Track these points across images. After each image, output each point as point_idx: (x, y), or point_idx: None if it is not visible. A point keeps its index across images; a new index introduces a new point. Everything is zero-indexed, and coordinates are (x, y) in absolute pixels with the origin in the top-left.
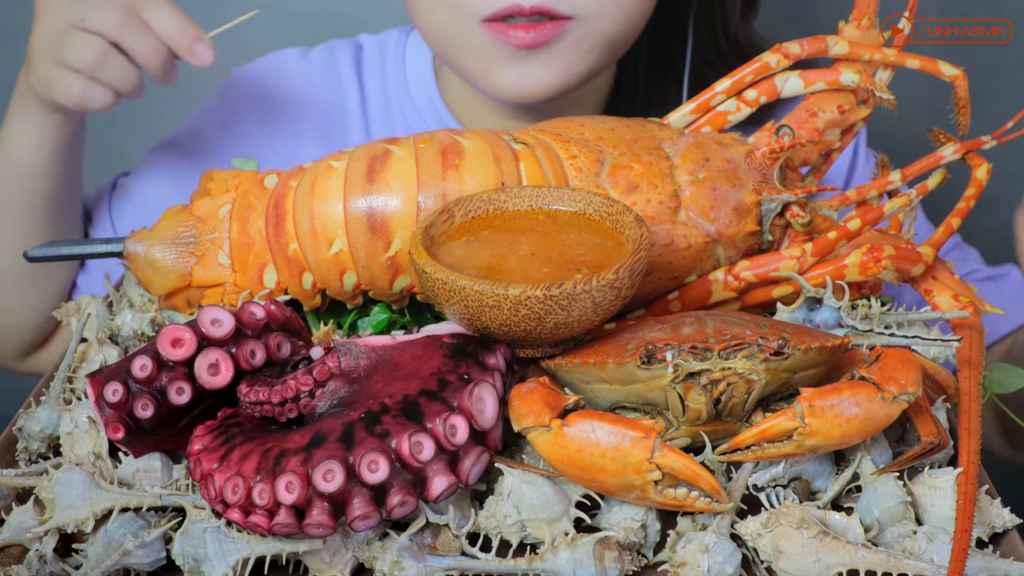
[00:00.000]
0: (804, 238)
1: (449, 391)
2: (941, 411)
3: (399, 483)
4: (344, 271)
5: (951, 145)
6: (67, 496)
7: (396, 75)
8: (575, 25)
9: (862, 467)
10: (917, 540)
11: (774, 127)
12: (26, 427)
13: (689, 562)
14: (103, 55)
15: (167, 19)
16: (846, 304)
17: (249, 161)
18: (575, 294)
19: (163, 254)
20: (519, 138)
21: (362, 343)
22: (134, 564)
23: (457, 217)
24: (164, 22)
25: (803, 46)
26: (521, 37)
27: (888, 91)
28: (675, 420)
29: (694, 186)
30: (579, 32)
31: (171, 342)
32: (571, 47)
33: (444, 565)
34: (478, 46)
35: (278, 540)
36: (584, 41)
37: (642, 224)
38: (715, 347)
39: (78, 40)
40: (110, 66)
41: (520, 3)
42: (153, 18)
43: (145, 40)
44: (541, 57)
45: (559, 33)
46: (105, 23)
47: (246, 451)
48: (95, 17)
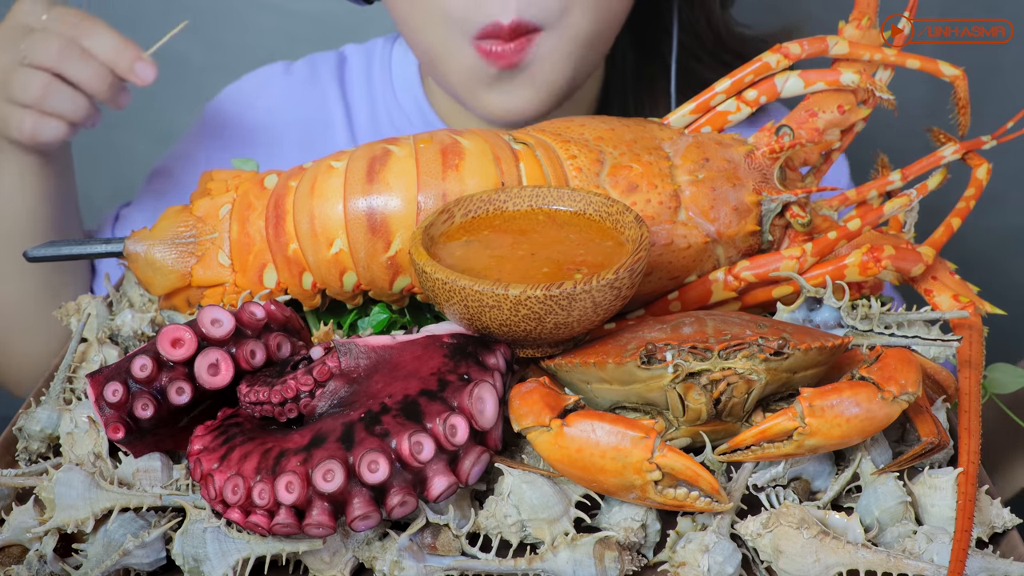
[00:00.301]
0: (804, 238)
1: (449, 391)
2: (941, 411)
3: (399, 483)
4: (344, 271)
5: (951, 145)
6: (67, 496)
7: (383, 82)
8: (546, 36)
9: (862, 467)
10: (917, 540)
11: (774, 127)
12: (26, 427)
13: (689, 562)
14: (48, 88)
15: (106, 43)
16: (846, 304)
17: (249, 161)
18: (575, 294)
19: (163, 254)
20: (519, 138)
21: (362, 343)
22: (134, 564)
23: (457, 217)
24: (103, 46)
25: (803, 46)
26: (500, 54)
27: (888, 91)
28: (675, 420)
29: (694, 186)
30: (551, 42)
31: (171, 342)
32: (544, 61)
33: (444, 565)
34: (467, 67)
35: (278, 540)
36: (557, 51)
37: (642, 224)
38: (715, 347)
39: (22, 76)
40: (57, 97)
41: (499, 19)
42: (92, 44)
43: (87, 67)
44: (522, 78)
45: (532, 48)
46: (46, 56)
47: (246, 451)
48: (35, 52)
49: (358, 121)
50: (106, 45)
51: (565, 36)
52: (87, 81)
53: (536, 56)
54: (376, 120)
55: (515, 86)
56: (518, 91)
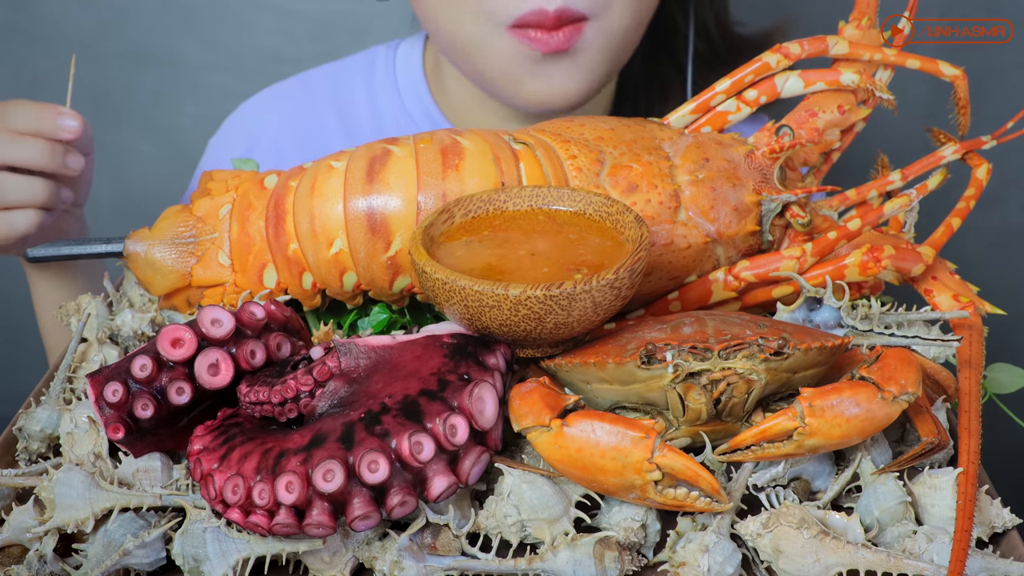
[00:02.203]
0: (804, 238)
1: (449, 391)
2: (941, 411)
3: (399, 483)
4: (344, 271)
5: (951, 145)
6: (67, 496)
7: (387, 88)
8: (591, 25)
9: (862, 467)
10: (917, 540)
11: (774, 127)
12: (26, 427)
13: (689, 562)
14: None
15: (25, 116)
16: (846, 304)
17: (249, 161)
18: (575, 294)
19: (163, 254)
20: (519, 138)
21: (362, 343)
22: (134, 564)
23: (457, 217)
24: (23, 120)
25: (803, 46)
26: (547, 41)
27: (888, 91)
28: (675, 420)
29: (694, 186)
30: (594, 31)
31: (171, 342)
32: (590, 48)
33: (444, 565)
34: (504, 54)
35: (278, 540)
36: (599, 40)
37: (642, 224)
38: (715, 347)
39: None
40: (9, 188)
41: (544, 7)
42: (15, 122)
43: (23, 147)
44: (564, 64)
45: (579, 35)
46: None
47: (246, 451)
48: None
49: (362, 129)
50: (25, 117)
51: (608, 26)
52: (28, 159)
53: (583, 44)
54: (381, 125)
55: (559, 71)
56: (562, 77)
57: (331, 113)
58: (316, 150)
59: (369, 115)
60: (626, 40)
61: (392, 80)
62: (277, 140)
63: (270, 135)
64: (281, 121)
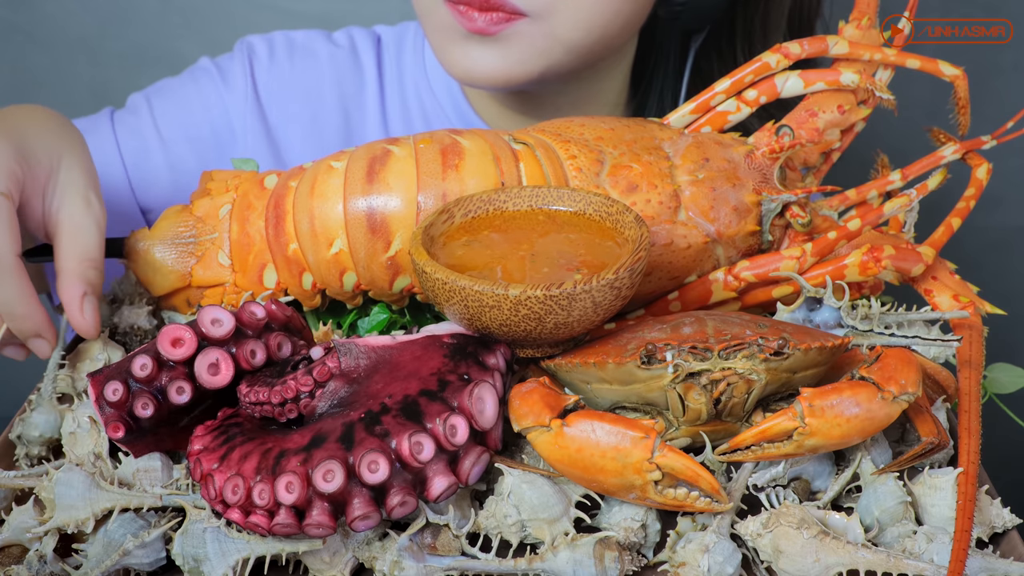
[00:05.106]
0: (804, 238)
1: (449, 391)
2: (941, 411)
3: (399, 483)
4: (344, 271)
5: (951, 145)
6: (67, 496)
7: (415, 64)
8: (529, 22)
9: (862, 467)
10: (917, 540)
11: (774, 127)
12: (24, 433)
13: (689, 562)
14: None
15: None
16: (846, 304)
17: (249, 161)
18: (575, 294)
19: (163, 254)
20: (519, 138)
21: (362, 343)
22: (134, 564)
23: (457, 217)
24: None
25: (803, 46)
26: (473, 19)
27: (888, 91)
28: (675, 420)
29: (694, 186)
30: (533, 30)
31: (171, 342)
32: (523, 43)
33: (444, 565)
34: (439, 24)
35: (278, 540)
36: (537, 40)
37: (642, 224)
38: (715, 347)
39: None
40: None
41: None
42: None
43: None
44: (493, 46)
45: (510, 27)
46: None
47: (246, 451)
48: None
49: (391, 103)
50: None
51: (551, 31)
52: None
53: (512, 34)
54: (405, 103)
55: (483, 52)
56: (483, 56)
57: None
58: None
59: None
60: (574, 50)
61: (420, 57)
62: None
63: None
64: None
